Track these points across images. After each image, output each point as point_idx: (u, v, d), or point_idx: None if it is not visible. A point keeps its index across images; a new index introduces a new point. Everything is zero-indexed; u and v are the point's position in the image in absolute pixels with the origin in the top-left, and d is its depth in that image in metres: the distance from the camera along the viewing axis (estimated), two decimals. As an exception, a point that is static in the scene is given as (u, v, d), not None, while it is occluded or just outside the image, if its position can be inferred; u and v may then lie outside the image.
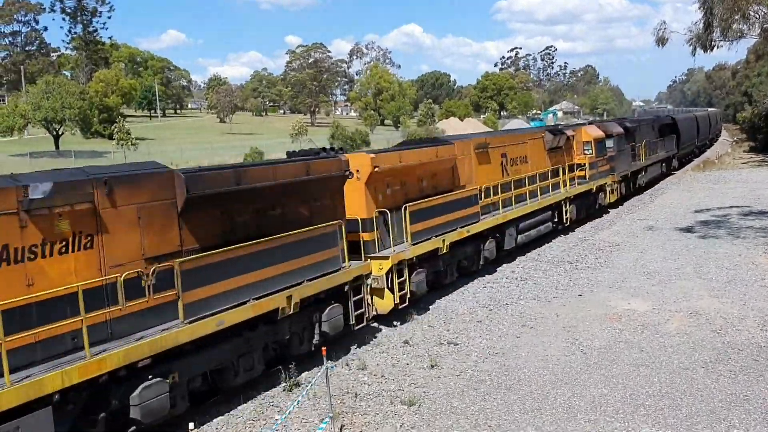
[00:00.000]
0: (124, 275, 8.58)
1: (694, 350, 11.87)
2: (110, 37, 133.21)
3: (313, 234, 11.70)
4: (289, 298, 10.98)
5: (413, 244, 14.75)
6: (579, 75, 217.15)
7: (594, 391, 10.41)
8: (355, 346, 13.10)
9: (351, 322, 12.76)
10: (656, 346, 12.19)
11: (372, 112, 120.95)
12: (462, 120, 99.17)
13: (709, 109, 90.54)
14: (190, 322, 9.31)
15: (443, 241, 15.64)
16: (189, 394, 9.71)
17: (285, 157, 13.88)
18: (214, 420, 10.11)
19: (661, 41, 27.98)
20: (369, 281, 13.27)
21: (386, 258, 13.78)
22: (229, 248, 10.02)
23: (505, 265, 19.37)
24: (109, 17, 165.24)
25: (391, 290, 13.82)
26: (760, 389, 10.16)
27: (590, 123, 30.88)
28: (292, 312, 11.04)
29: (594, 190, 25.85)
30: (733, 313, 13.75)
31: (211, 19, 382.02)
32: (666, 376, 10.82)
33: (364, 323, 13.15)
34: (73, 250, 8.32)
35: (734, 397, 9.93)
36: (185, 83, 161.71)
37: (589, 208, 26.11)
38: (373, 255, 13.76)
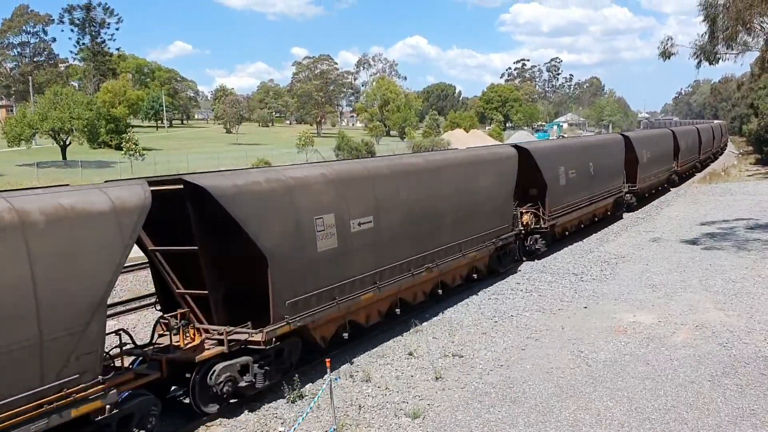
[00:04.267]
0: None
1: (700, 363, 11.81)
2: (118, 48, 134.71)
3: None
4: None
5: None
6: (584, 87, 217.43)
7: (599, 404, 10.35)
8: (359, 358, 13.08)
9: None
10: (662, 359, 12.14)
11: (378, 122, 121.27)
12: (467, 131, 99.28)
13: (715, 121, 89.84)
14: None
15: None
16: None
17: None
18: (217, 430, 10.09)
19: (666, 55, 28.04)
20: None
21: None
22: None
23: (510, 276, 19.33)
24: (117, 29, 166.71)
25: None
26: (767, 403, 10.08)
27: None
28: None
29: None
30: (739, 326, 13.68)
31: (218, 30, 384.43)
32: (672, 390, 10.76)
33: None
34: None
35: (741, 411, 9.87)
36: (192, 94, 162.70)
37: None
38: None
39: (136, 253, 10.81)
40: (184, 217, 10.61)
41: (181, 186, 10.39)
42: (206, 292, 10.96)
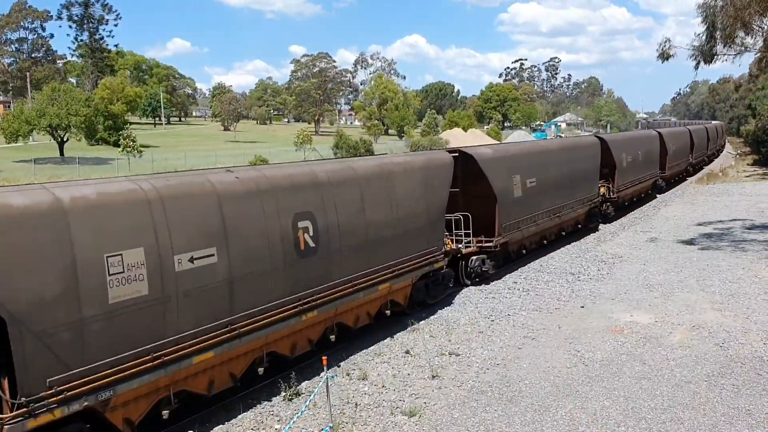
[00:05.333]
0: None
1: (696, 363, 11.82)
2: (116, 45, 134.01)
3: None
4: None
5: None
6: (582, 87, 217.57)
7: (596, 404, 10.36)
8: (355, 356, 13.07)
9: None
10: (659, 358, 12.15)
11: (376, 121, 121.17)
12: (466, 131, 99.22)
13: (713, 122, 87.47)
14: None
15: None
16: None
17: None
18: (214, 429, 10.08)
19: (664, 56, 28.09)
20: None
21: None
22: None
23: (507, 275, 19.33)
24: (116, 25, 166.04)
25: None
26: (763, 403, 10.10)
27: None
28: None
29: None
30: (736, 327, 13.70)
31: (216, 28, 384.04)
32: (668, 390, 10.77)
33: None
34: None
35: (737, 411, 9.88)
36: (190, 91, 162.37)
37: None
38: None
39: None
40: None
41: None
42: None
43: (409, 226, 14.57)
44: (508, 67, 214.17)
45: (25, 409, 7.75)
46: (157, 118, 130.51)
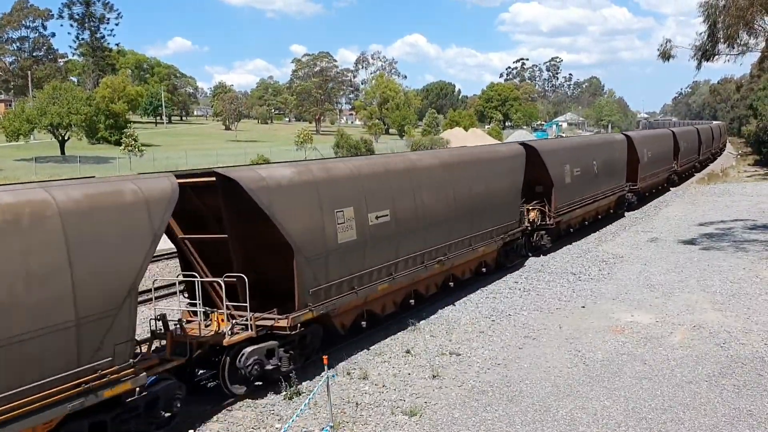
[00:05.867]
0: None
1: (697, 364, 11.81)
2: (117, 44, 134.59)
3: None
4: None
5: None
6: (584, 86, 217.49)
7: (596, 404, 10.35)
8: (356, 355, 13.06)
9: None
10: (659, 359, 12.14)
11: (377, 121, 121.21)
12: (466, 130, 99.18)
13: (713, 123, 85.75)
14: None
15: None
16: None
17: None
18: (215, 427, 10.08)
19: (665, 56, 28.10)
20: None
21: None
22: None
23: (508, 275, 19.32)
24: (117, 24, 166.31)
25: None
26: (764, 404, 10.09)
27: None
28: None
29: None
30: (737, 327, 13.68)
31: (217, 27, 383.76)
32: (669, 390, 10.76)
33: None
34: None
35: (738, 412, 9.87)
36: (191, 90, 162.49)
37: None
38: None
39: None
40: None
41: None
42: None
43: (13, 333, 7.32)
44: (509, 67, 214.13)
45: None
46: (158, 117, 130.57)
